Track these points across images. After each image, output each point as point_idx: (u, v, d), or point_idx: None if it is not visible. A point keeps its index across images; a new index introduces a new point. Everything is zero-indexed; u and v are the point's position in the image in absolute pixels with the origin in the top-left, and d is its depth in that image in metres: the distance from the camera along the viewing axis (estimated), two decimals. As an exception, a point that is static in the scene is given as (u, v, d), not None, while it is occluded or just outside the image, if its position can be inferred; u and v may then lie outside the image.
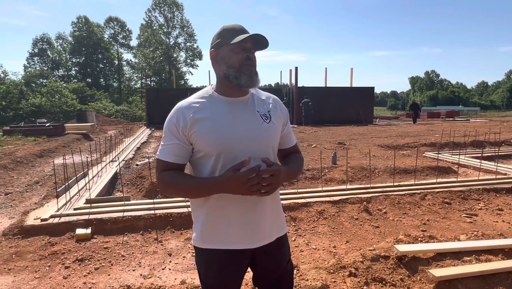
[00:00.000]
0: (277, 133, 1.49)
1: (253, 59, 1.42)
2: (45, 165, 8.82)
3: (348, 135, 13.42)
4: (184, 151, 1.41)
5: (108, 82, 55.20)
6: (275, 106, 1.53)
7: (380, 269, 2.83)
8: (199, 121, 1.36)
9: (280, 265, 1.58)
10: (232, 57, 1.39)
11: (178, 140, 1.39)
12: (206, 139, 1.36)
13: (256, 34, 1.38)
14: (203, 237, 1.45)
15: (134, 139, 12.87)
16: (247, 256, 1.49)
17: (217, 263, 1.45)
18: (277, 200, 1.55)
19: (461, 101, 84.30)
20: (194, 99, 1.44)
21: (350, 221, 4.32)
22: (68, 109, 31.75)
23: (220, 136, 1.35)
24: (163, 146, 1.43)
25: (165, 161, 1.41)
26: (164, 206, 4.49)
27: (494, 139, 10.38)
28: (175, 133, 1.39)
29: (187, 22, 54.41)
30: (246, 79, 1.38)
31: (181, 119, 1.38)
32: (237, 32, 1.39)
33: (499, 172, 6.36)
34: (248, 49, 1.40)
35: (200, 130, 1.36)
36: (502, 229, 4.05)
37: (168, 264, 3.32)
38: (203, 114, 1.38)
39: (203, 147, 1.38)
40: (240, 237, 1.42)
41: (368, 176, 6.25)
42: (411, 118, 23.10)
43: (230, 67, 1.39)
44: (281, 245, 1.58)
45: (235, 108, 1.41)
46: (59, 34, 52.32)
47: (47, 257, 3.43)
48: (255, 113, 1.44)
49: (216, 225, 1.42)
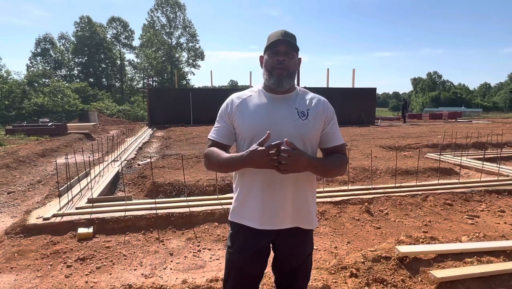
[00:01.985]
0: (312, 130, 1.58)
1: (285, 63, 1.54)
2: (48, 164, 8.84)
3: (349, 136, 13.41)
4: (228, 132, 1.62)
5: (110, 82, 55.29)
6: (317, 105, 1.63)
7: (381, 270, 2.83)
8: (240, 110, 1.60)
9: (297, 255, 1.67)
10: (267, 62, 1.59)
11: (224, 123, 1.63)
12: (242, 123, 1.58)
13: (281, 39, 1.53)
14: (234, 212, 1.66)
15: (136, 139, 12.90)
16: (268, 238, 1.61)
17: (241, 237, 1.63)
18: (303, 193, 1.61)
19: (464, 102, 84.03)
20: (245, 92, 1.68)
21: (351, 222, 4.32)
22: (70, 109, 31.82)
23: (253, 123, 1.54)
24: (214, 128, 1.66)
25: (212, 140, 1.63)
26: (166, 205, 4.50)
27: (497, 141, 10.34)
28: (223, 117, 1.64)
29: (189, 22, 54.46)
30: (273, 81, 1.56)
31: (229, 106, 1.63)
32: (273, 39, 1.55)
33: (501, 174, 6.34)
34: (281, 53, 1.54)
35: (240, 116, 1.59)
36: (504, 230, 4.04)
37: (170, 263, 3.33)
38: (245, 105, 1.60)
39: (241, 131, 1.59)
40: (260, 218, 1.57)
41: (370, 177, 6.24)
42: (412, 120, 23.05)
43: (265, 70, 1.60)
44: (301, 237, 1.65)
45: (275, 103, 1.59)
46: (62, 34, 52.48)
47: (49, 256, 3.44)
48: (293, 109, 1.57)
49: (244, 203, 1.61)
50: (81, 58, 51.60)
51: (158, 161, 7.87)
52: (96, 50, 51.06)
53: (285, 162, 1.37)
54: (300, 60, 1.65)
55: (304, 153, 1.44)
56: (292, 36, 1.58)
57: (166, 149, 10.44)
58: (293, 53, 1.57)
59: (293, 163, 1.38)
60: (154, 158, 8.57)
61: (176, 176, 6.15)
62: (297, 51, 1.59)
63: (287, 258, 1.67)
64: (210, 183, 5.62)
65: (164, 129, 17.38)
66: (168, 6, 52.89)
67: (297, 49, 1.59)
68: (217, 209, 4.39)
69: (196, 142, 11.38)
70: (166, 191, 5.56)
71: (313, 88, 22.18)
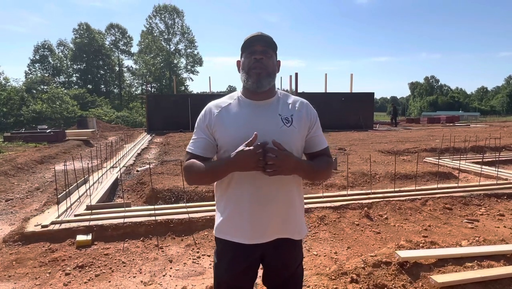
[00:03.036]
0: (297, 137, 1.51)
1: (262, 62, 1.47)
2: (46, 171, 8.82)
3: (348, 141, 13.43)
4: (209, 145, 1.52)
5: (109, 89, 55.39)
6: (300, 110, 1.56)
7: (382, 275, 2.82)
8: (221, 120, 1.49)
9: (288, 267, 1.60)
10: (244, 63, 1.51)
11: (204, 135, 1.52)
12: (224, 136, 1.48)
13: (255, 36, 1.48)
14: (221, 228, 1.56)
15: (135, 146, 12.89)
16: (257, 252, 1.54)
17: (229, 254, 1.54)
18: (292, 204, 1.56)
19: (461, 106, 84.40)
20: (222, 100, 1.57)
21: (351, 227, 4.31)
22: (69, 115, 31.83)
23: (237, 135, 1.43)
24: (192, 140, 1.56)
25: (192, 153, 1.53)
26: (165, 212, 4.48)
27: (495, 145, 10.37)
28: (202, 129, 1.53)
29: (188, 28, 54.78)
30: (252, 82, 1.47)
31: (208, 117, 1.52)
32: (249, 40, 1.49)
33: (500, 177, 6.35)
34: (258, 52, 1.47)
35: (221, 128, 1.48)
36: (504, 234, 4.03)
37: (169, 270, 3.31)
38: (225, 115, 1.50)
39: (223, 143, 1.49)
40: (250, 232, 1.49)
41: (369, 182, 6.24)
42: (410, 124, 23.11)
43: (243, 72, 1.51)
44: (292, 247, 1.60)
45: (257, 110, 1.50)
46: (60, 41, 52.68)
47: (47, 263, 3.42)
48: (276, 116, 1.50)
49: (231, 218, 1.52)
50: (80, 65, 51.74)
51: (157, 167, 7.85)
52: (95, 56, 51.22)
53: (272, 162, 1.33)
54: (279, 63, 1.57)
55: (292, 154, 1.41)
56: (269, 38, 1.51)
57: (165, 155, 10.43)
58: (271, 52, 1.50)
59: (281, 164, 1.34)
60: (153, 164, 8.56)
61: (175, 182, 6.14)
62: (275, 50, 1.52)
63: (278, 270, 1.60)
64: (209, 189, 5.61)
65: (163, 136, 17.37)
66: (167, 13, 53.24)
67: (275, 48, 1.52)
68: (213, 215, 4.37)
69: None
70: (165, 197, 5.55)
71: (311, 94, 22.32)
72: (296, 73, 21.22)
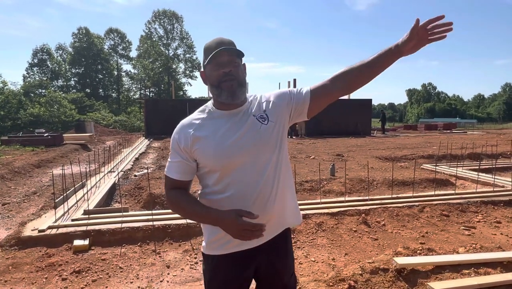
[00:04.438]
0: (279, 129, 1.47)
1: (232, 73, 1.38)
2: (43, 175, 8.78)
3: (346, 147, 13.47)
4: (188, 168, 1.45)
5: (107, 93, 55.37)
6: (269, 100, 1.49)
7: (379, 282, 2.82)
8: (199, 139, 1.40)
9: (282, 277, 1.58)
10: (211, 76, 1.41)
11: (181, 158, 1.44)
12: (207, 156, 1.40)
13: (220, 49, 1.36)
14: (211, 244, 1.49)
15: (133, 150, 12.87)
16: (252, 265, 1.50)
17: (222, 271, 1.48)
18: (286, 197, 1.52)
19: (458, 113, 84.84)
20: (195, 116, 1.48)
21: (349, 233, 4.31)
22: (66, 119, 31.77)
23: (220, 152, 1.38)
24: (169, 162, 1.48)
25: (172, 178, 1.46)
26: (163, 217, 4.47)
27: (491, 152, 10.43)
28: (178, 151, 1.44)
29: (187, 34, 54.96)
30: (226, 96, 1.39)
31: (183, 139, 1.42)
32: (212, 50, 1.38)
33: (497, 185, 6.38)
34: (225, 64, 1.37)
35: (201, 148, 1.40)
36: (501, 241, 4.05)
37: (166, 276, 3.30)
38: (202, 131, 1.41)
39: (206, 163, 1.42)
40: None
41: (367, 188, 6.26)
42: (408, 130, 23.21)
43: (212, 86, 1.42)
44: (285, 257, 1.58)
45: (233, 120, 1.42)
46: (59, 45, 52.74)
47: (44, 268, 3.40)
48: (251, 118, 1.43)
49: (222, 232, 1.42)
50: (78, 69, 51.76)
51: (155, 172, 7.85)
52: (93, 61, 51.27)
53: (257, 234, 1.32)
54: (245, 66, 1.48)
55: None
56: (230, 43, 1.42)
57: (163, 159, 10.42)
58: (238, 61, 1.42)
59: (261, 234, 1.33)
60: (151, 168, 8.55)
61: (173, 187, 6.13)
62: (240, 57, 1.43)
63: (272, 280, 1.56)
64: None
65: (161, 140, 17.36)
66: (166, 18, 53.45)
67: (241, 54, 1.43)
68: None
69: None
70: (163, 202, 5.54)
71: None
72: (294, 79, 21.31)
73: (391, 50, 1.41)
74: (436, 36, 1.37)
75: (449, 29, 1.36)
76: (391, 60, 1.44)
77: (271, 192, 1.44)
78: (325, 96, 1.52)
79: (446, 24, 1.35)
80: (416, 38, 1.36)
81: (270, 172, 1.44)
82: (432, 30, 1.36)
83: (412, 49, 1.40)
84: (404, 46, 1.39)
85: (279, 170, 1.47)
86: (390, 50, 1.41)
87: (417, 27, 1.35)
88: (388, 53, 1.42)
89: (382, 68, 1.45)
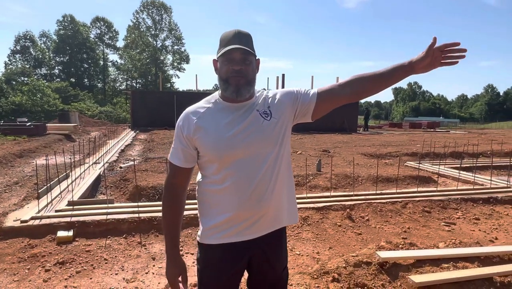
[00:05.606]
0: (282, 126, 1.48)
1: (242, 71, 1.38)
2: (25, 165, 8.59)
3: (332, 143, 13.61)
4: (189, 155, 1.47)
5: (93, 83, 54.34)
6: (274, 97, 1.51)
7: (362, 275, 2.89)
8: (201, 129, 1.42)
9: (275, 270, 1.59)
10: (221, 69, 1.41)
11: (183, 146, 1.46)
12: (207, 145, 1.42)
13: (234, 47, 1.36)
14: (206, 232, 1.50)
15: (118, 142, 12.70)
16: (246, 256, 1.51)
17: (216, 261, 1.50)
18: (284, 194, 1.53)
19: (442, 113, 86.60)
20: (200, 105, 1.49)
21: (333, 228, 4.39)
22: (50, 109, 31.08)
23: (219, 144, 1.40)
24: (172, 149, 1.51)
25: (174, 164, 1.49)
26: (149, 209, 4.46)
27: (473, 151, 10.72)
28: (181, 139, 1.46)
29: (175, 25, 54.28)
30: (231, 91, 1.40)
31: (186, 127, 1.44)
32: (227, 43, 1.38)
33: (477, 183, 6.58)
34: (236, 61, 1.37)
35: (202, 137, 1.42)
36: (479, 237, 4.19)
37: (152, 268, 3.30)
38: (205, 121, 1.43)
39: (206, 152, 1.44)
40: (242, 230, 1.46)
41: (352, 184, 6.36)
42: (393, 128, 23.55)
43: (220, 78, 1.43)
44: (279, 249, 1.60)
45: (236, 113, 1.44)
46: (43, 32, 51.41)
47: (26, 259, 3.35)
48: (255, 112, 1.45)
49: (221, 223, 1.45)
50: (63, 58, 50.57)
51: (141, 164, 7.77)
52: (79, 49, 50.15)
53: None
54: (258, 62, 1.48)
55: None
56: (247, 39, 1.41)
57: (149, 152, 10.32)
58: (251, 59, 1.41)
59: None
60: (137, 160, 8.46)
61: (159, 179, 6.10)
62: (254, 54, 1.43)
63: (265, 272, 1.58)
64: (193, 187, 5.58)
65: (147, 132, 17.18)
66: (154, 8, 52.58)
67: (254, 52, 1.43)
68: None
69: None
70: (149, 194, 5.51)
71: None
72: (283, 74, 21.39)
73: (404, 66, 1.45)
74: (449, 60, 1.42)
75: (462, 56, 1.41)
76: (402, 76, 1.47)
77: (268, 187, 1.45)
78: (332, 100, 1.53)
79: (460, 50, 1.40)
80: (431, 57, 1.41)
81: (268, 168, 1.44)
82: (446, 54, 1.41)
83: (425, 68, 1.44)
84: (418, 64, 1.42)
85: (278, 167, 1.48)
86: (403, 65, 1.45)
87: (433, 45, 1.39)
88: (401, 68, 1.46)
89: (392, 82, 1.49)
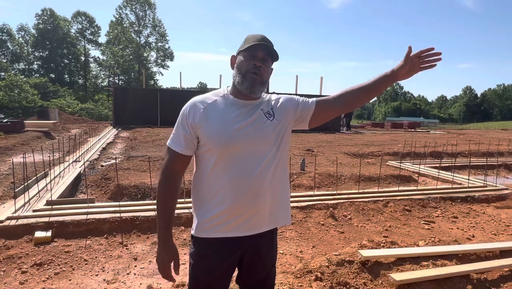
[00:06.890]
0: (282, 128, 1.55)
1: (261, 69, 1.47)
2: (1, 163, 8.29)
3: (316, 142, 13.72)
4: (190, 143, 1.50)
5: (73, 79, 53.04)
6: (278, 100, 1.60)
7: (345, 274, 2.93)
8: (207, 118, 1.46)
9: (265, 266, 1.64)
10: (242, 63, 1.48)
11: (186, 132, 1.49)
12: (209, 136, 1.45)
13: (262, 44, 1.46)
14: (202, 225, 1.52)
15: (100, 139, 12.44)
16: (238, 251, 1.54)
17: (210, 254, 1.53)
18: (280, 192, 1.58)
19: (422, 113, 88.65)
20: (208, 96, 1.54)
21: (316, 227, 4.42)
22: (28, 105, 30.17)
23: (224, 134, 1.44)
24: (173, 135, 1.53)
25: (174, 150, 1.50)
26: (131, 209, 4.38)
27: (451, 151, 11.01)
28: (184, 126, 1.49)
29: (159, 22, 53.57)
30: (246, 86, 1.47)
31: (192, 114, 1.47)
32: (254, 40, 1.47)
33: (455, 182, 6.76)
34: (259, 58, 1.46)
35: (206, 127, 1.45)
36: (457, 235, 4.30)
37: (133, 268, 3.24)
38: (212, 111, 1.48)
39: (207, 142, 1.47)
40: (237, 226, 1.49)
41: (335, 183, 6.43)
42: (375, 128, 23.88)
43: (238, 72, 1.49)
44: (270, 246, 1.64)
45: (243, 109, 1.49)
46: (21, 25, 49.76)
47: (2, 261, 3.24)
48: (259, 112, 1.51)
49: (217, 216, 1.49)
50: (42, 52, 49.15)
51: (123, 163, 7.64)
52: (59, 44, 48.83)
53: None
54: (272, 70, 1.59)
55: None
56: (271, 44, 1.51)
57: (131, 150, 10.15)
58: (270, 61, 1.52)
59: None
60: (119, 159, 8.30)
61: (142, 178, 6.01)
62: (274, 60, 1.53)
63: (255, 268, 1.62)
64: (177, 186, 5.53)
65: (130, 130, 16.89)
66: (138, 4, 51.74)
67: (276, 58, 1.53)
68: (183, 213, 4.34)
69: (163, 144, 11.15)
70: (131, 193, 5.42)
71: (281, 94, 22.46)
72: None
73: (387, 76, 1.59)
74: (427, 64, 1.54)
75: (438, 59, 1.54)
76: (387, 84, 1.61)
77: (263, 185, 1.48)
78: (328, 111, 1.65)
79: (436, 53, 1.52)
80: (409, 65, 1.54)
81: (265, 166, 1.48)
82: (423, 59, 1.54)
83: (406, 74, 1.57)
84: (399, 71, 1.56)
85: (275, 167, 1.52)
86: (386, 75, 1.59)
87: (409, 54, 1.52)
88: (385, 79, 1.59)
89: (379, 90, 1.63)
